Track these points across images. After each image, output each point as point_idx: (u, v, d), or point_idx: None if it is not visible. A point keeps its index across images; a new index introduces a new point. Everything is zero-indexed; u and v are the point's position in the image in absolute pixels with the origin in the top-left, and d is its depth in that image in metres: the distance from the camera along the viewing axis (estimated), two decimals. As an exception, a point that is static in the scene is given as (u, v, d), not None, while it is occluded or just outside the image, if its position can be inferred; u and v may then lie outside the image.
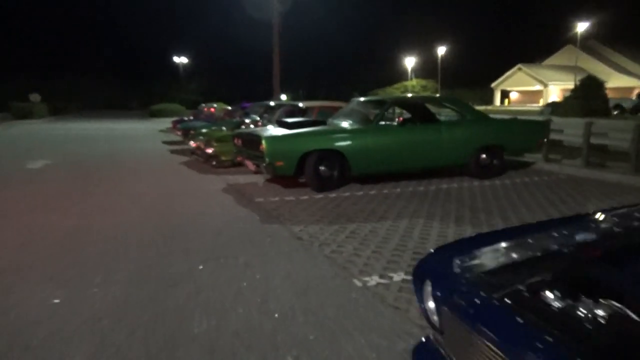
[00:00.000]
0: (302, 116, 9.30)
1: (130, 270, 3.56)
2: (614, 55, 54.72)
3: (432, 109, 8.43)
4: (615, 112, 30.93)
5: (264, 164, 6.17)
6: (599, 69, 51.02)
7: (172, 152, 12.00)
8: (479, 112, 7.72)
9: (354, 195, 6.24)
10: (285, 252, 3.92)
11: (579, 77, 45.33)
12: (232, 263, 3.68)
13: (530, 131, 7.87)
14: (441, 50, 57.26)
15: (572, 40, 52.16)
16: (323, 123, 7.04)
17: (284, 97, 28.37)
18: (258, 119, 11.29)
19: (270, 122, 9.89)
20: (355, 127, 6.77)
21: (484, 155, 7.36)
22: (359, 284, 3.23)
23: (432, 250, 1.77)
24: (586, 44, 52.34)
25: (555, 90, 51.85)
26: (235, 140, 7.49)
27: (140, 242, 4.24)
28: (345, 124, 7.00)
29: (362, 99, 8.07)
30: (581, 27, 46.52)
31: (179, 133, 13.10)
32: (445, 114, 9.72)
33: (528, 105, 49.89)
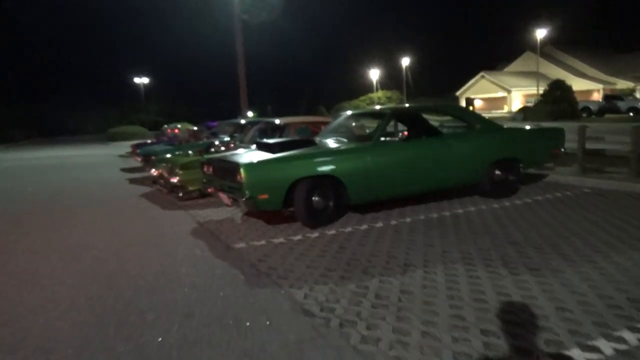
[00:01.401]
0: (280, 135, 8.06)
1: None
2: (570, 60, 56.23)
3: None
4: (584, 115, 31.11)
5: (244, 198, 4.87)
6: (558, 74, 52.03)
7: (131, 181, 10.48)
8: (489, 121, 6.67)
9: (357, 231, 5.01)
10: (293, 344, 2.62)
11: (542, 83, 46.23)
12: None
13: (549, 140, 6.87)
14: (405, 62, 57.46)
15: (531, 46, 53.26)
16: (311, 143, 5.80)
17: (250, 114, 27.11)
18: (228, 139, 9.97)
19: (243, 142, 8.60)
20: (352, 145, 5.56)
21: (497, 171, 6.29)
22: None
23: None
24: (544, 50, 53.47)
25: (518, 96, 52.62)
26: (205, 168, 6.15)
27: (53, 352, 2.84)
28: (338, 143, 5.79)
29: (353, 111, 6.88)
30: (540, 33, 47.39)
31: (139, 159, 11.58)
32: (439, 124, 8.66)
33: (493, 111, 50.32)
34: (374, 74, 60.81)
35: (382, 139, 5.65)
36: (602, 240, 4.25)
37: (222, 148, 8.68)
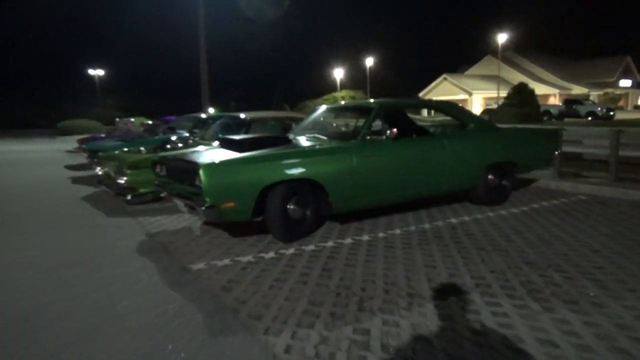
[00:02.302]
0: (246, 131, 7.15)
1: None
2: (529, 65, 57.73)
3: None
4: (545, 118, 31.58)
5: (204, 207, 3.95)
6: (518, 78, 53.22)
7: (75, 180, 9.26)
8: (482, 120, 6.00)
9: (341, 246, 4.20)
10: None
11: (502, 86, 47.05)
12: None
13: (545, 142, 6.28)
14: (369, 62, 57.23)
15: (492, 51, 54.14)
16: (285, 140, 4.93)
17: (212, 110, 25.82)
18: (187, 135, 8.95)
19: (204, 139, 7.63)
20: (334, 144, 4.74)
21: (491, 176, 5.64)
22: None
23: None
24: (504, 54, 54.52)
25: (478, 99, 53.40)
26: (157, 168, 5.18)
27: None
28: (317, 142, 4.95)
29: (331, 105, 6.06)
30: (501, 38, 48.18)
31: (85, 155, 10.34)
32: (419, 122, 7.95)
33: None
34: (338, 74, 60.39)
35: (368, 137, 4.86)
36: (630, 259, 3.61)
37: (180, 145, 7.67)
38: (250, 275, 3.51)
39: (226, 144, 4.91)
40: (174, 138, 8.23)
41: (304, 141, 5.00)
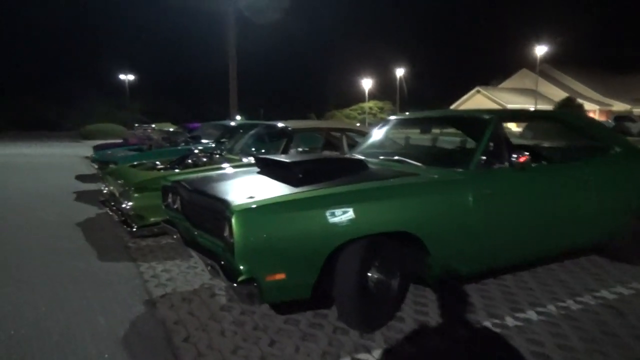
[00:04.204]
0: (286, 145, 5.57)
1: None
2: (567, 79, 55.13)
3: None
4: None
5: (239, 279, 2.33)
6: (555, 93, 50.90)
7: (80, 196, 7.82)
8: (628, 141, 4.24)
9: (458, 344, 2.52)
10: None
11: (539, 101, 44.65)
12: None
13: None
14: (400, 72, 55.42)
15: (528, 64, 51.73)
16: (357, 165, 3.28)
17: (238, 118, 24.42)
18: (213, 146, 7.44)
19: (232, 153, 6.10)
20: (437, 175, 3.07)
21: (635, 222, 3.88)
22: None
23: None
24: (540, 68, 52.08)
25: (513, 114, 50.96)
26: (169, 198, 3.60)
27: None
28: (407, 169, 3.29)
29: (412, 115, 4.39)
30: (540, 50, 45.86)
31: (96, 166, 8.91)
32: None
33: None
34: (367, 84, 58.83)
35: (483, 162, 3.17)
36: None
37: (204, 159, 6.12)
38: None
39: (268, 168, 3.31)
40: (196, 150, 6.69)
41: (384, 168, 3.34)
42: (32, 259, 4.23)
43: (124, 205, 4.90)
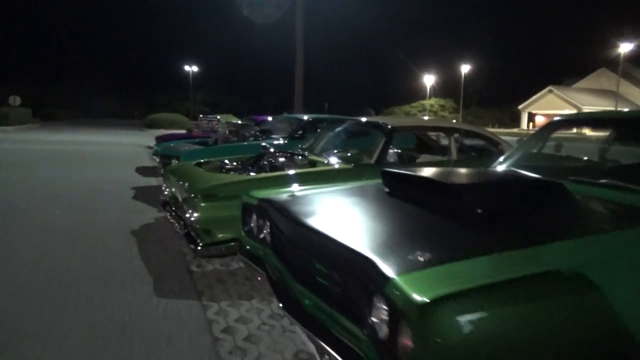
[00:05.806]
0: (385, 146, 4.40)
1: None
2: (650, 79, 49.84)
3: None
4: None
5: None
6: (637, 94, 46.36)
7: (138, 193, 7.01)
8: None
9: None
10: None
11: (620, 103, 40.58)
12: None
13: None
14: (465, 69, 52.43)
15: (607, 63, 47.23)
16: (559, 191, 2.02)
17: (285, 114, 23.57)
18: (286, 143, 6.39)
19: (313, 152, 5.00)
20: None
21: None
22: None
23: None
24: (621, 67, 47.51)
25: (590, 116, 46.83)
26: (251, 219, 2.49)
27: None
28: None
29: (599, 112, 3.06)
30: (624, 47, 41.67)
31: (157, 159, 8.14)
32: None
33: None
34: (428, 80, 56.25)
35: None
36: None
37: (281, 159, 5.03)
38: None
39: (410, 190, 2.12)
40: (269, 147, 5.62)
41: (608, 204, 2.04)
42: (70, 288, 3.29)
43: (187, 215, 3.90)
